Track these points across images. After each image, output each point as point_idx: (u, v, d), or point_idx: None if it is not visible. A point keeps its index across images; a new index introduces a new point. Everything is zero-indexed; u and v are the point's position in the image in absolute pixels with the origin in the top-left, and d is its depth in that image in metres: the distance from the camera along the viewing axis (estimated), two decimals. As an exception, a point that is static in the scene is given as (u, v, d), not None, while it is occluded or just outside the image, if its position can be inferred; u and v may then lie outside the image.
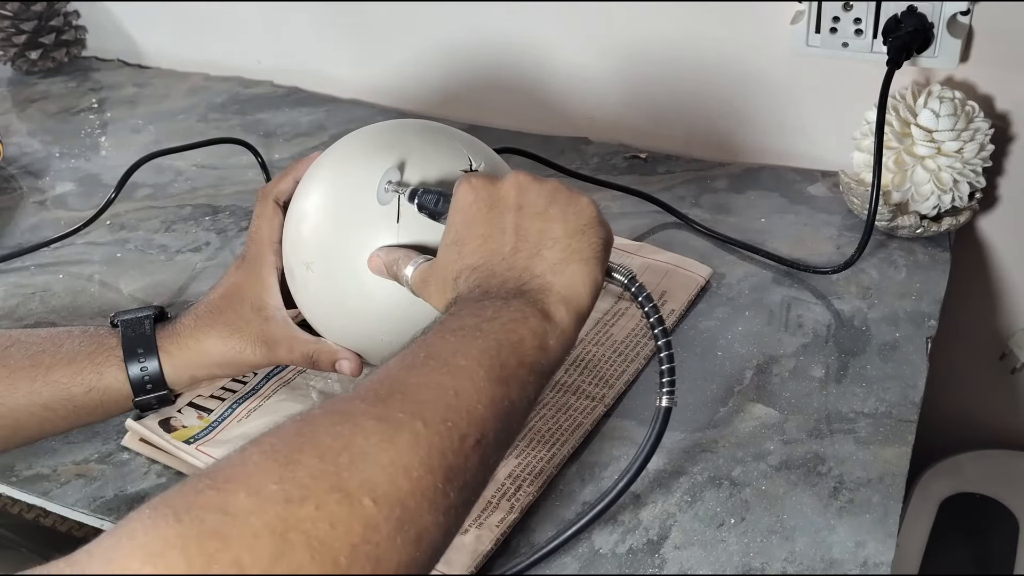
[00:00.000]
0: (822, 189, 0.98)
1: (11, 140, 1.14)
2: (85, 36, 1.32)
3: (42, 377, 0.67)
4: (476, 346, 0.51)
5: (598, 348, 0.78)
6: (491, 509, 0.65)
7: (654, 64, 1.02)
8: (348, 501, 0.42)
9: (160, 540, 0.39)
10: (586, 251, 0.58)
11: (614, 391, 0.74)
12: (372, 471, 0.43)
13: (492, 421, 0.50)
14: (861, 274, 0.86)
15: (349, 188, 0.66)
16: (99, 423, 0.72)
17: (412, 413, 0.47)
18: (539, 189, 0.59)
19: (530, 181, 0.59)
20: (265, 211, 0.72)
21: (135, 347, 0.69)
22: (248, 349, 0.70)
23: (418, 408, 0.47)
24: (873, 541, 0.63)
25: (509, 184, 0.59)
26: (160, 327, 0.71)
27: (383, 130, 0.71)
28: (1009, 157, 0.94)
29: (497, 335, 0.52)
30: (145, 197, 1.02)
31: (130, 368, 0.69)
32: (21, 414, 0.67)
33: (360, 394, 0.48)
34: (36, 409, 0.67)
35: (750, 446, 0.70)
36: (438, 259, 0.61)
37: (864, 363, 0.77)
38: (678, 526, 0.65)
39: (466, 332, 0.52)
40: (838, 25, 0.91)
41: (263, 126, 1.14)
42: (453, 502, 0.46)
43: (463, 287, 0.58)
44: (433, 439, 0.46)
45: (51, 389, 0.67)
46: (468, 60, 1.10)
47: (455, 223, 0.60)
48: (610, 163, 1.03)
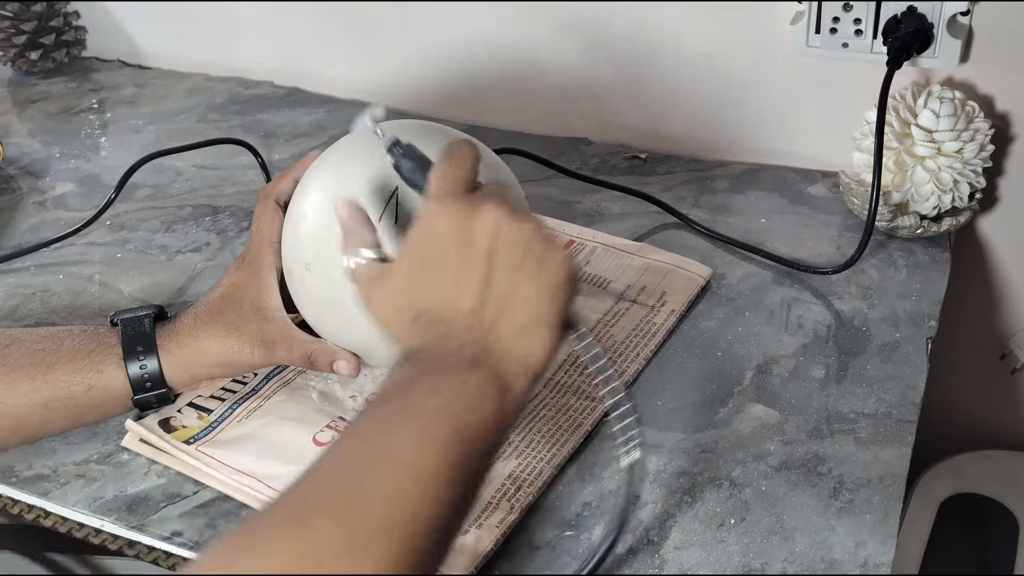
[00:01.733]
0: (822, 189, 0.98)
1: (11, 140, 1.14)
2: (85, 36, 1.32)
3: (42, 376, 0.67)
4: (437, 439, 0.47)
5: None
6: (491, 510, 0.65)
7: (654, 64, 1.02)
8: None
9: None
10: (551, 316, 0.53)
11: (613, 395, 0.74)
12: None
13: (448, 518, 0.47)
14: (861, 274, 0.86)
15: (348, 189, 0.66)
16: (99, 423, 0.72)
17: (371, 532, 0.43)
18: (517, 234, 0.53)
19: (508, 222, 0.53)
20: (266, 211, 0.72)
21: (134, 346, 0.69)
22: (247, 349, 0.70)
23: (373, 525, 0.43)
24: (873, 541, 0.63)
25: (486, 222, 0.53)
26: (160, 326, 0.71)
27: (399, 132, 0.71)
28: (1009, 157, 0.94)
29: (458, 424, 0.48)
30: (145, 197, 1.02)
31: (129, 367, 0.69)
32: (21, 412, 0.68)
33: (310, 504, 0.44)
34: (36, 408, 0.68)
35: (750, 446, 0.70)
36: (392, 276, 0.57)
37: (864, 363, 0.77)
38: (678, 526, 0.65)
39: (424, 419, 0.48)
40: (838, 25, 0.91)
41: (263, 126, 1.14)
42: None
43: (417, 339, 0.53)
44: (388, 560, 0.43)
45: (51, 388, 0.67)
46: (468, 60, 1.10)
47: (418, 243, 0.56)
48: (610, 163, 1.03)
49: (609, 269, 0.87)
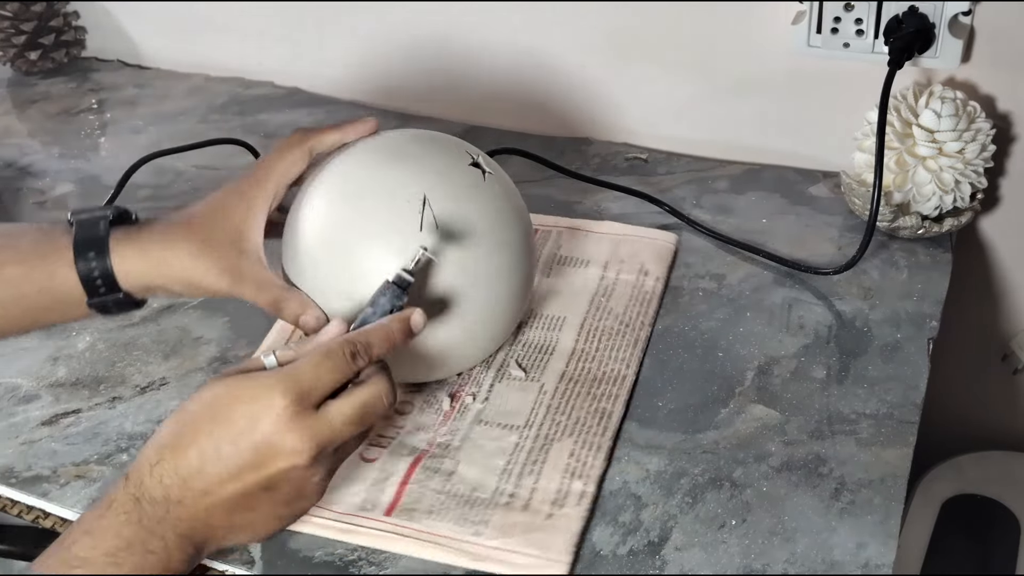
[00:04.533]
0: (823, 190, 0.97)
1: (11, 141, 1.14)
2: (85, 37, 1.32)
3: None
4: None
5: (603, 321, 0.81)
6: (564, 493, 0.67)
7: (654, 64, 1.02)
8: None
9: None
10: (267, 533, 0.59)
11: (636, 359, 0.78)
12: None
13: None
14: (862, 275, 0.86)
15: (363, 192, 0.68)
16: (63, 323, 0.71)
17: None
18: (301, 478, 0.57)
19: (305, 466, 0.56)
20: (292, 151, 0.69)
21: (86, 249, 0.65)
22: (212, 274, 0.66)
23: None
24: (874, 542, 0.63)
25: (290, 457, 0.56)
26: (124, 229, 0.66)
27: (400, 140, 0.73)
28: (1011, 158, 0.94)
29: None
30: (145, 198, 1.02)
31: (80, 269, 0.65)
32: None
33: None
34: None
35: (751, 447, 0.70)
36: (185, 408, 0.58)
37: (865, 364, 0.77)
38: (679, 527, 0.65)
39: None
40: (839, 25, 0.90)
41: (264, 127, 1.13)
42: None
43: (154, 477, 0.56)
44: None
45: (3, 287, 0.65)
46: (469, 61, 1.10)
47: (223, 403, 0.57)
48: (611, 163, 1.03)
49: (580, 248, 0.89)
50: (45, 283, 0.65)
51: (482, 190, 0.70)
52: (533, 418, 0.72)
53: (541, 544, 0.63)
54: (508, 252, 0.70)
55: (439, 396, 0.75)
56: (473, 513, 0.65)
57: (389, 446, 0.70)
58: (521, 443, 0.70)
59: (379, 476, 0.68)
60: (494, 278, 0.69)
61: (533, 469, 0.68)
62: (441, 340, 0.69)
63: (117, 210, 0.67)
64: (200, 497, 0.56)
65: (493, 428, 0.72)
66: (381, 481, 0.68)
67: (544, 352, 0.78)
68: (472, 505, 0.66)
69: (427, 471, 0.69)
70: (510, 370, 0.77)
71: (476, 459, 0.69)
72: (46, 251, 0.65)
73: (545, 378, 0.76)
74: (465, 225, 0.67)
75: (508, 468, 0.69)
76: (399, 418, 0.73)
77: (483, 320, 0.70)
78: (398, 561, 0.64)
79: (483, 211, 0.69)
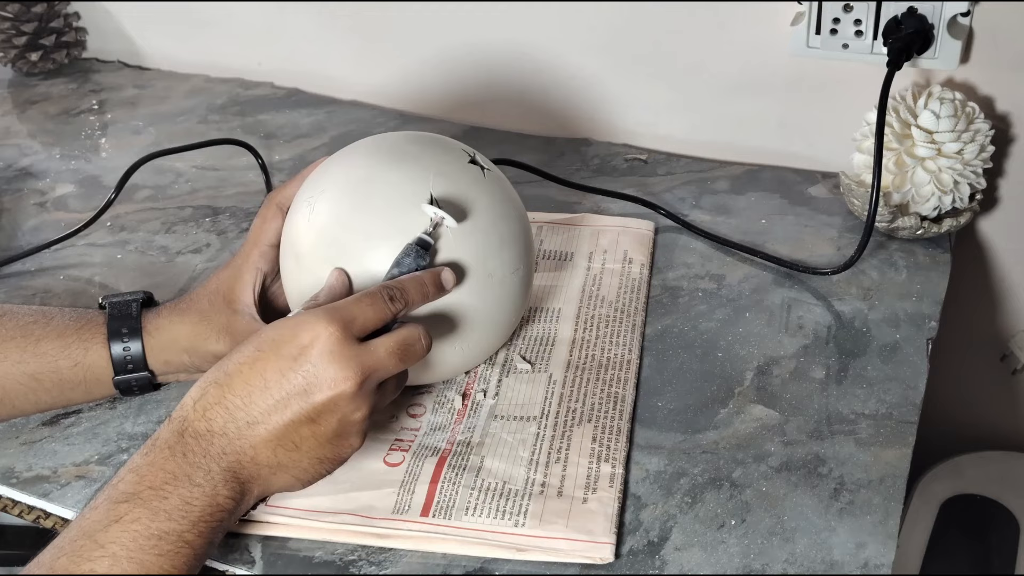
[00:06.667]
0: (822, 190, 0.98)
1: (11, 141, 1.14)
2: (85, 38, 1.32)
3: (32, 348, 0.69)
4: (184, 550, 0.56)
5: (597, 309, 0.82)
6: (594, 477, 0.67)
7: (654, 65, 1.02)
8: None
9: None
10: (309, 479, 0.62)
11: (637, 343, 0.79)
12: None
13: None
14: (861, 275, 0.86)
15: (373, 195, 0.68)
16: (84, 403, 0.74)
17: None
18: (344, 412, 0.59)
19: (348, 399, 0.59)
20: (266, 213, 0.74)
21: (120, 327, 0.71)
22: (212, 337, 0.72)
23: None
24: (874, 542, 0.63)
25: (332, 385, 0.58)
26: (145, 311, 0.73)
27: (399, 140, 0.73)
28: (1009, 159, 0.94)
29: (201, 533, 0.57)
30: (145, 199, 1.02)
31: (113, 347, 0.71)
32: (8, 382, 0.70)
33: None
34: (24, 379, 0.69)
35: (750, 447, 0.70)
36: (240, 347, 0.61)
37: (865, 364, 0.77)
38: (679, 527, 0.65)
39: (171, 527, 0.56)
40: (838, 26, 0.91)
41: (263, 127, 1.14)
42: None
43: (197, 411, 0.59)
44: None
45: (39, 360, 0.69)
46: (469, 62, 1.10)
47: (272, 340, 0.60)
48: (611, 164, 1.03)
49: (562, 242, 0.90)
50: (80, 358, 0.70)
51: (484, 186, 0.70)
52: (548, 408, 0.73)
53: (583, 529, 0.64)
54: (512, 247, 0.70)
55: (449, 396, 0.75)
56: (509, 505, 0.66)
57: (410, 448, 0.71)
58: (542, 433, 0.71)
59: (407, 479, 0.68)
60: (501, 272, 0.70)
61: (559, 457, 0.69)
62: (450, 339, 0.69)
63: (145, 295, 0.74)
64: (245, 428, 0.58)
65: (510, 421, 0.72)
66: (410, 483, 0.68)
67: (545, 344, 0.79)
68: (507, 497, 0.66)
69: (454, 469, 0.69)
70: (515, 364, 0.77)
71: (501, 453, 0.70)
72: (81, 327, 0.71)
73: (552, 368, 0.77)
74: (471, 220, 0.68)
75: (534, 458, 0.69)
76: (413, 420, 0.73)
77: (492, 316, 0.70)
78: (398, 560, 0.64)
79: (486, 206, 0.69)
